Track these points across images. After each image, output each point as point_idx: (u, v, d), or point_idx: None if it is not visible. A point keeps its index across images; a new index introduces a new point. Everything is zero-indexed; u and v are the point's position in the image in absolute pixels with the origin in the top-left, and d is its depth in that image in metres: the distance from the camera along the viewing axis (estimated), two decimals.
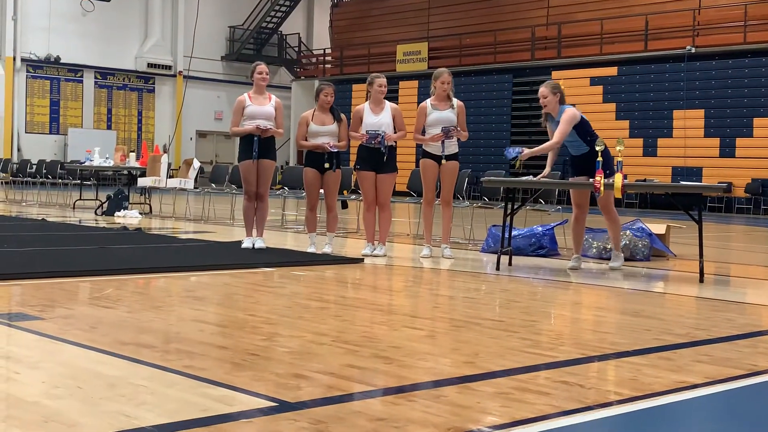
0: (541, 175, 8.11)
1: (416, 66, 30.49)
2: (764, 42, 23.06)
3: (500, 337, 4.55)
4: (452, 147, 8.58)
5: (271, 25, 36.43)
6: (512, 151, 7.85)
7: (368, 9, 34.33)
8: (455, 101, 8.58)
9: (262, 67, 8.61)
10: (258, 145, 8.38)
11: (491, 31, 29.11)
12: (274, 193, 12.11)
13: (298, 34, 37.36)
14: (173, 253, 8.35)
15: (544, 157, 8.19)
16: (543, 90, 7.80)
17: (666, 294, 6.94)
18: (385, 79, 8.61)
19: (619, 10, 26.11)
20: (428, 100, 8.64)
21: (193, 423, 2.84)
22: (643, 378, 3.67)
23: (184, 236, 10.21)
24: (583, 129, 7.74)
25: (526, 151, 7.79)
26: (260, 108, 8.47)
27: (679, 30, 24.65)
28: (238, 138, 8.65)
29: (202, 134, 35.85)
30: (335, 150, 8.44)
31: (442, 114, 8.51)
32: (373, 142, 8.40)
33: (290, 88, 34.78)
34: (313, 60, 36.30)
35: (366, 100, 8.68)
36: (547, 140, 7.86)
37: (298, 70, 36.30)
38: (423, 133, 8.59)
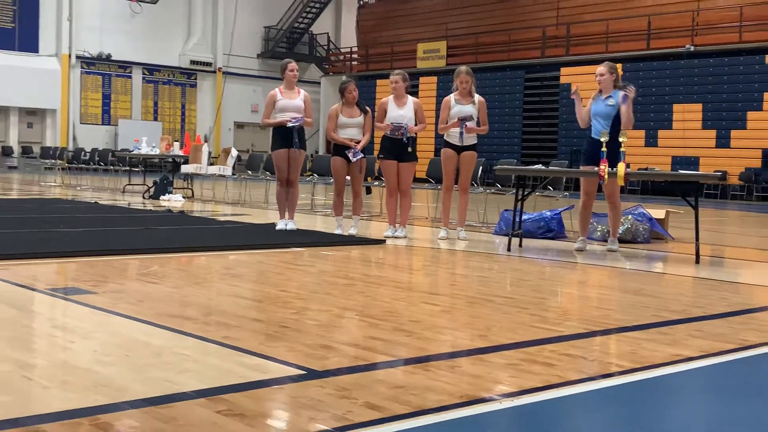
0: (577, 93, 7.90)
1: (436, 63, 30.34)
2: (758, 41, 22.75)
3: (511, 312, 4.53)
4: (471, 139, 8.59)
5: (302, 25, 36.36)
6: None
7: (392, 10, 34.22)
8: (477, 97, 8.58)
9: (293, 64, 8.59)
10: (297, 135, 8.39)
11: (505, 31, 28.90)
12: (305, 180, 12.11)
13: (327, 33, 37.28)
14: (213, 234, 8.39)
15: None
16: (601, 69, 7.81)
17: (665, 274, 6.88)
18: (399, 76, 8.53)
19: (624, 11, 25.84)
20: (452, 95, 8.66)
21: (230, 389, 2.86)
22: (642, 351, 3.65)
23: (222, 218, 10.25)
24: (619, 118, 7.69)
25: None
26: (290, 101, 8.46)
27: (679, 30, 24.36)
28: (272, 129, 8.64)
29: (239, 125, 35.94)
30: (359, 157, 8.40)
31: (464, 108, 8.53)
32: (396, 133, 8.40)
33: (320, 83, 34.73)
34: (341, 57, 36.22)
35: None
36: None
37: (327, 66, 36.22)
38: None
